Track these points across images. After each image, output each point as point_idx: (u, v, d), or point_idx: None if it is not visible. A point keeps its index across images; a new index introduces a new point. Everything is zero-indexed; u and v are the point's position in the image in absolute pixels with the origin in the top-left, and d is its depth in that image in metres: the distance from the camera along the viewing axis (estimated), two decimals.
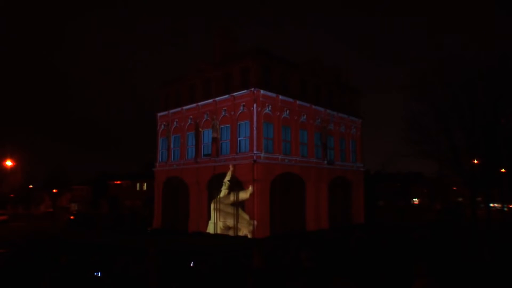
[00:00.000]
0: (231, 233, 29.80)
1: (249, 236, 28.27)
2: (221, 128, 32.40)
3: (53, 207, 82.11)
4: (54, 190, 78.61)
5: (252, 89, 29.55)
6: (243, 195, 29.43)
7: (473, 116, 27.82)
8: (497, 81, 26.98)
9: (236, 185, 30.26)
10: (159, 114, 39.54)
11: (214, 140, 32.49)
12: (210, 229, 31.94)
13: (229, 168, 30.68)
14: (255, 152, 28.92)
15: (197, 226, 33.14)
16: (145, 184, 63.20)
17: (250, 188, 28.89)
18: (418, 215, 53.27)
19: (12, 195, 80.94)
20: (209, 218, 32.31)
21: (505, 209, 38.32)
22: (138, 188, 65.64)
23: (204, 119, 33.94)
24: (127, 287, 8.57)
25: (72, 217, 48.62)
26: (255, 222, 28.31)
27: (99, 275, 9.39)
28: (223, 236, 29.85)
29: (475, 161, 28.89)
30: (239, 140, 30.85)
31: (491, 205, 38.02)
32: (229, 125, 31.67)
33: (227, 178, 30.82)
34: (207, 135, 33.73)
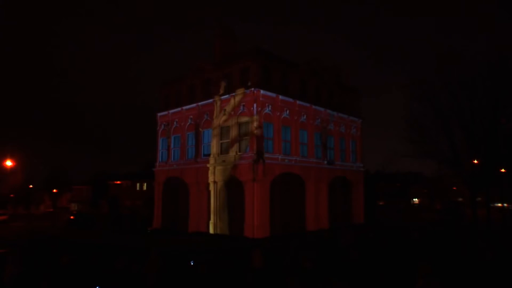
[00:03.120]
0: (231, 233, 29.78)
1: (249, 236, 28.24)
2: (221, 128, 32.38)
3: (53, 207, 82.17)
4: (54, 190, 78.70)
5: (252, 89, 29.54)
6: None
7: (473, 116, 27.80)
8: (497, 81, 26.96)
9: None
10: (159, 114, 39.53)
11: None
12: (211, 229, 31.88)
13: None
14: (255, 152, 28.90)
15: (197, 226, 33.12)
16: (145, 184, 63.20)
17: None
18: (418, 215, 53.28)
19: (12, 195, 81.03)
20: (209, 218, 32.27)
21: (505, 205, 38.27)
22: (138, 188, 65.63)
23: (204, 119, 33.93)
24: (127, 287, 8.57)
25: (72, 217, 48.62)
26: (255, 222, 28.29)
27: (99, 275, 9.39)
28: (223, 236, 29.84)
29: (475, 161, 28.88)
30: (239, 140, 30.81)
31: (491, 204, 37.97)
32: (229, 125, 31.63)
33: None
34: (207, 135, 33.73)
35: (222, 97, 32.13)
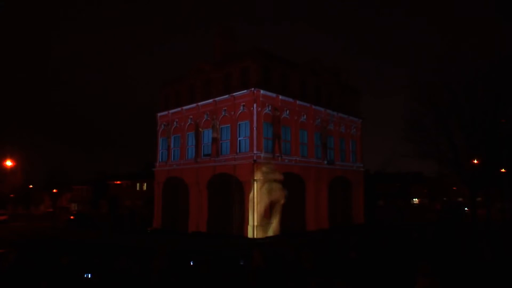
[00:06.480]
0: (231, 233, 29.78)
1: (249, 236, 28.24)
2: (221, 128, 32.39)
3: (53, 207, 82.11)
4: (54, 190, 78.54)
5: (252, 89, 29.54)
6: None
7: (473, 116, 27.80)
8: (497, 81, 26.96)
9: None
10: (159, 114, 39.55)
11: (214, 140, 32.49)
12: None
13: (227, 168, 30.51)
14: (255, 152, 28.90)
15: (197, 226, 33.13)
16: (145, 184, 63.17)
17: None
18: (418, 215, 53.25)
19: (12, 195, 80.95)
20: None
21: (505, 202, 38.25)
22: (138, 188, 65.60)
23: (204, 119, 33.94)
24: (127, 287, 8.57)
25: (72, 217, 48.66)
26: (255, 222, 28.29)
27: (99, 275, 9.39)
28: (223, 236, 29.82)
29: (475, 161, 28.87)
30: (239, 140, 30.83)
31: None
32: (229, 125, 31.65)
33: None
34: (207, 135, 33.73)
35: (222, 97, 32.07)
